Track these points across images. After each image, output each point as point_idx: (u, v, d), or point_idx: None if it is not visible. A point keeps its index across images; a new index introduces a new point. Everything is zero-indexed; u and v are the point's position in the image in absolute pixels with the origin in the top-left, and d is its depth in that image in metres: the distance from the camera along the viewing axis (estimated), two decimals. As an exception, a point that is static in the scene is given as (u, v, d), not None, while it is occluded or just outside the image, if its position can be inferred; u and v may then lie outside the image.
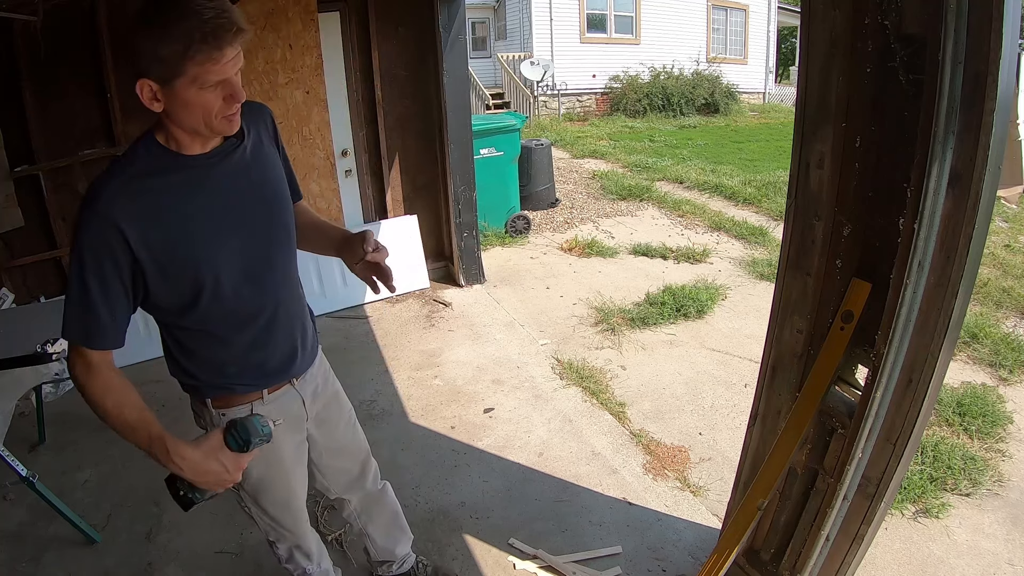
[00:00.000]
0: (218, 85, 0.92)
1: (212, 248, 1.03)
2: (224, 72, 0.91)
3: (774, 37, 14.47)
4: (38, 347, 1.89)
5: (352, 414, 1.46)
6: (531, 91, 11.47)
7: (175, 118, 0.96)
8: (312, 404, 1.29)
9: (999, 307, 3.63)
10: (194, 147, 1.01)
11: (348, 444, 1.44)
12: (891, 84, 1.13)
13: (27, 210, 3.12)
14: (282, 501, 1.31)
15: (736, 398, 2.77)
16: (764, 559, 1.65)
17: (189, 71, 0.89)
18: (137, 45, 0.90)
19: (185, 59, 0.88)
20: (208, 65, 0.89)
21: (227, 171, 1.05)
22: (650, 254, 4.63)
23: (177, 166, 1.00)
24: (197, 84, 0.91)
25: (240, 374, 1.15)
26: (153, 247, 0.97)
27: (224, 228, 1.04)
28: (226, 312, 1.09)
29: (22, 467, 1.92)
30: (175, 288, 1.02)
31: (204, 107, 0.93)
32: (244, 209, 1.07)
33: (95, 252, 0.94)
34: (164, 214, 0.98)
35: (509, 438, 2.51)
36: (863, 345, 1.31)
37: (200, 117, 0.94)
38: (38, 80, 2.99)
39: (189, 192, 1.00)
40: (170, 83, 0.91)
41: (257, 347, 1.15)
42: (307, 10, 3.41)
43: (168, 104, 0.93)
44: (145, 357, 3.24)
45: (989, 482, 2.19)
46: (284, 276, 1.17)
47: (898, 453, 1.25)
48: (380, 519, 1.61)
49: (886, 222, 1.18)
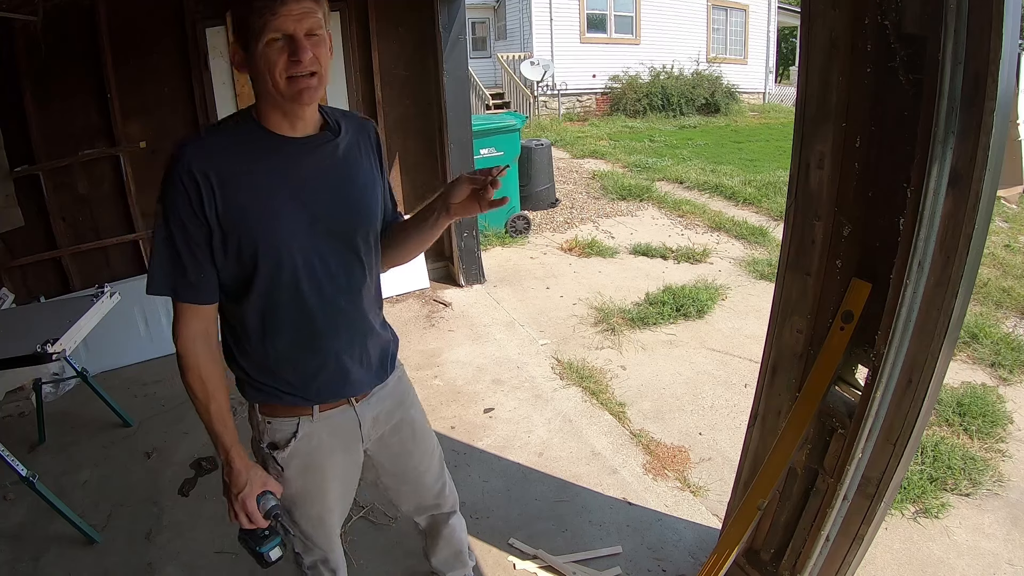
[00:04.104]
0: (279, 41, 0.92)
1: (278, 232, 1.01)
2: (283, 26, 0.91)
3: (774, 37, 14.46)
4: (38, 347, 1.88)
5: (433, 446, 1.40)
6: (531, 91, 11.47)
7: (254, 84, 0.98)
8: (372, 428, 1.23)
9: (999, 307, 3.63)
10: (283, 127, 1.01)
11: (420, 476, 1.38)
12: (891, 84, 1.13)
13: (27, 210, 3.12)
14: (316, 517, 1.25)
15: (736, 398, 2.77)
16: (764, 559, 1.65)
17: (253, 25, 0.92)
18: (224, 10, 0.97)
19: (250, 12, 0.91)
20: (267, 16, 0.90)
21: (313, 161, 1.04)
22: (650, 254, 4.63)
23: (264, 141, 1.00)
24: (261, 39, 0.92)
25: (286, 378, 1.11)
26: (221, 211, 0.97)
27: (293, 213, 1.01)
28: (279, 305, 1.06)
29: (22, 467, 1.92)
30: (234, 262, 1.01)
31: (268, 63, 0.93)
32: (323, 204, 1.04)
33: (176, 204, 0.96)
34: (238, 181, 0.97)
35: (509, 438, 2.51)
36: (863, 345, 1.31)
37: (265, 75, 0.94)
38: (38, 80, 3.00)
39: (269, 169, 1.00)
40: (242, 40, 0.94)
41: (307, 352, 1.10)
42: (307, 10, 3.40)
43: (249, 67, 0.96)
44: (145, 357, 3.25)
45: (989, 482, 2.19)
46: (350, 286, 1.10)
47: (898, 453, 1.25)
48: (443, 550, 1.57)
49: (886, 222, 1.18)
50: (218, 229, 0.98)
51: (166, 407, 2.83)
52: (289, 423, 1.13)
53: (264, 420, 1.14)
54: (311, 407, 1.13)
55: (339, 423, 1.18)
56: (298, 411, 1.13)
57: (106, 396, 2.63)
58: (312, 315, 1.08)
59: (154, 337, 3.28)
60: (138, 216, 3.36)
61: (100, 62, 3.08)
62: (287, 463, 1.14)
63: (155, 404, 2.85)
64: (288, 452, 1.14)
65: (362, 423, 1.20)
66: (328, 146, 1.05)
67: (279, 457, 1.14)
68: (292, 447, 1.14)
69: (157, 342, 3.28)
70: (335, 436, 1.18)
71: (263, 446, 1.16)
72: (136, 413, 2.74)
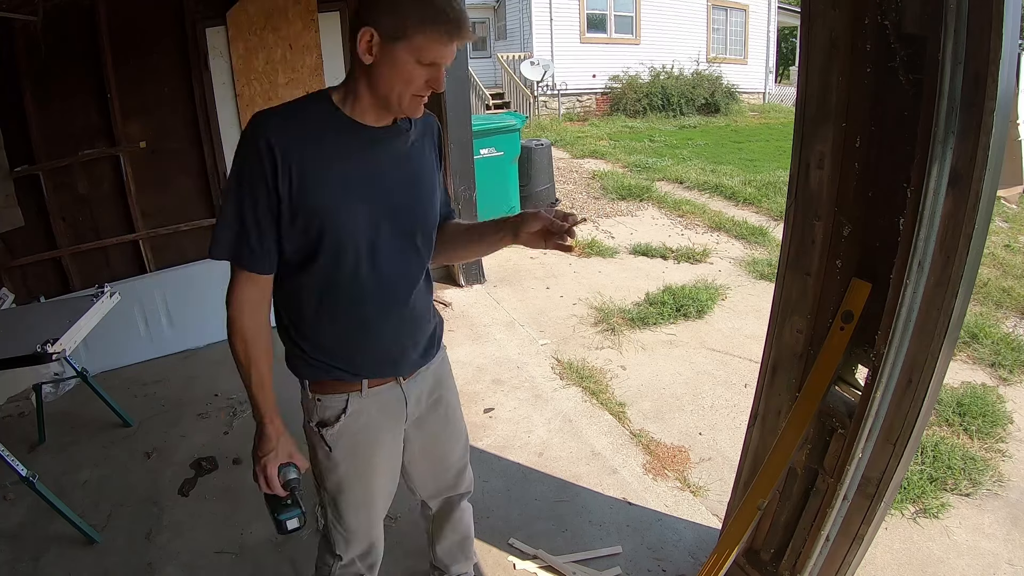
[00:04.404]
0: (430, 67, 0.96)
1: (344, 213, 1.03)
2: (443, 57, 0.96)
3: (774, 37, 14.47)
4: (38, 347, 1.88)
5: (458, 431, 1.43)
6: (531, 91, 11.47)
7: (373, 78, 0.98)
8: (415, 407, 1.27)
9: (999, 307, 3.63)
10: (366, 116, 1.04)
11: (446, 457, 1.42)
12: (891, 84, 1.13)
13: (27, 210, 3.12)
14: (361, 502, 1.27)
15: (736, 398, 2.77)
16: (764, 559, 1.65)
17: (416, 40, 0.94)
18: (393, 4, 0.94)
19: (421, 27, 0.93)
20: (436, 45, 0.94)
21: (386, 151, 1.07)
22: (650, 254, 4.63)
23: (342, 126, 1.03)
24: (415, 55, 0.95)
25: (340, 355, 1.14)
26: (295, 187, 0.99)
27: (362, 200, 1.04)
28: (339, 285, 1.09)
29: (22, 467, 1.91)
30: (300, 235, 1.03)
31: (407, 78, 0.97)
32: (389, 194, 1.08)
33: (251, 171, 0.98)
34: (314, 160, 1.00)
35: (509, 438, 2.51)
36: (863, 345, 1.31)
37: (396, 86, 0.97)
38: (38, 80, 2.99)
39: (344, 152, 1.03)
40: (392, 41, 0.94)
41: (361, 332, 1.14)
42: (307, 10, 3.41)
43: (378, 60, 0.96)
44: (145, 357, 3.25)
45: (989, 482, 2.19)
46: (407, 273, 1.15)
47: (898, 453, 1.25)
48: (449, 537, 1.59)
49: (886, 222, 1.18)
50: (288, 203, 1.00)
51: (166, 407, 2.83)
52: (338, 399, 1.16)
53: (314, 398, 1.17)
54: (360, 382, 1.16)
55: (387, 400, 1.21)
56: (347, 387, 1.16)
57: (106, 396, 2.63)
58: (369, 298, 1.11)
59: (154, 337, 3.28)
60: (138, 216, 3.36)
61: (100, 62, 3.08)
62: (335, 442, 1.17)
63: (155, 404, 2.85)
64: (337, 430, 1.17)
65: (408, 401, 1.24)
66: (400, 138, 1.09)
67: (327, 436, 1.17)
68: (341, 424, 1.16)
69: (157, 342, 3.28)
70: (382, 413, 1.21)
71: (312, 424, 1.19)
72: (136, 413, 2.74)
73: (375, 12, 0.94)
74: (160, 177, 3.38)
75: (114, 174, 3.28)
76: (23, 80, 2.95)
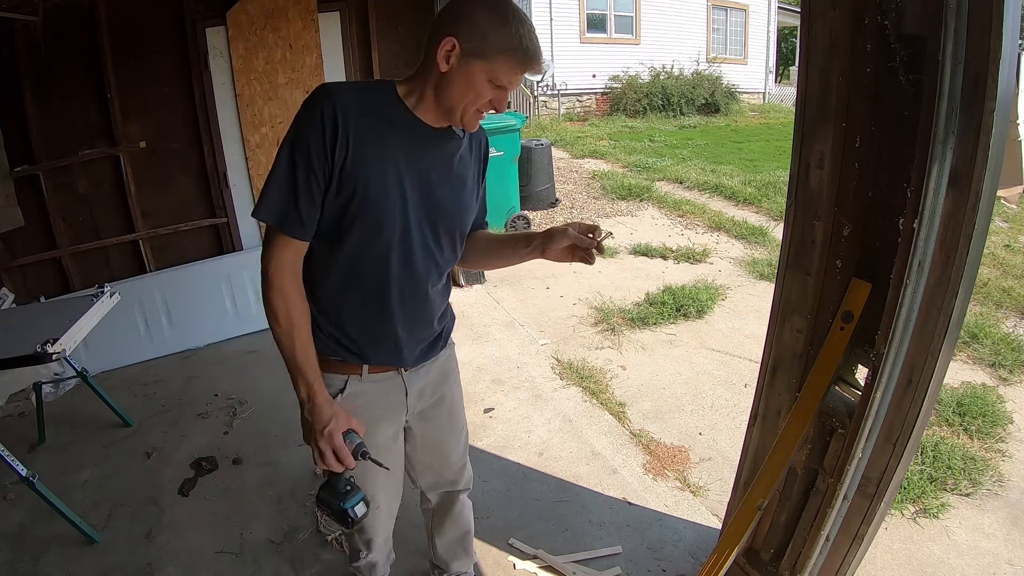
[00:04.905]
0: (498, 88, 1.02)
1: (385, 198, 1.05)
2: (513, 83, 1.03)
3: (774, 37, 14.46)
4: (38, 347, 1.88)
5: (459, 425, 1.46)
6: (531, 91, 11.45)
7: (445, 86, 1.02)
8: (417, 400, 1.29)
9: (999, 307, 3.62)
10: (427, 116, 1.07)
11: (445, 452, 1.44)
12: (891, 84, 1.13)
13: (27, 210, 3.11)
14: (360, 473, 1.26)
15: (736, 398, 2.77)
16: (764, 559, 1.65)
17: (495, 62, 0.99)
18: (471, 13, 0.99)
19: (502, 51, 0.99)
20: (509, 71, 1.01)
21: (437, 151, 1.11)
22: (650, 254, 4.63)
23: (402, 117, 1.06)
24: (490, 75, 1.00)
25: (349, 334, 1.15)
26: (349, 162, 1.01)
27: (405, 191, 1.07)
28: (364, 271, 1.11)
29: (22, 467, 1.91)
30: (339, 211, 1.05)
31: (476, 94, 1.02)
32: (431, 190, 1.11)
33: (310, 133, 0.99)
34: (370, 137, 1.02)
35: (509, 438, 2.51)
36: (863, 345, 1.31)
37: (464, 99, 1.02)
38: (38, 80, 2.99)
39: (398, 142, 1.05)
40: (472, 57, 0.99)
41: (375, 320, 1.16)
42: (307, 10, 3.41)
43: (454, 70, 1.00)
44: (145, 357, 3.25)
45: (989, 482, 2.19)
46: (432, 272, 1.18)
47: (898, 453, 1.25)
48: (449, 532, 1.61)
49: (886, 222, 1.18)
50: (339, 172, 1.01)
51: (166, 407, 2.83)
52: (338, 379, 1.18)
53: None
54: (361, 366, 1.18)
55: (386, 387, 1.22)
56: (348, 369, 1.18)
57: (106, 396, 2.63)
58: (391, 289, 1.13)
59: (154, 337, 3.28)
60: (138, 216, 3.36)
61: (100, 62, 3.07)
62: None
63: (155, 404, 2.85)
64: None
65: (409, 392, 1.25)
66: (453, 143, 1.13)
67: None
68: (337, 402, 1.16)
69: (157, 342, 3.28)
70: (381, 400, 1.22)
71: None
72: (136, 413, 2.74)
73: (461, 25, 0.98)
74: (160, 177, 3.38)
75: (114, 174, 3.28)
76: (23, 80, 2.95)
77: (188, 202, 3.48)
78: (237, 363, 3.15)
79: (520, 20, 0.99)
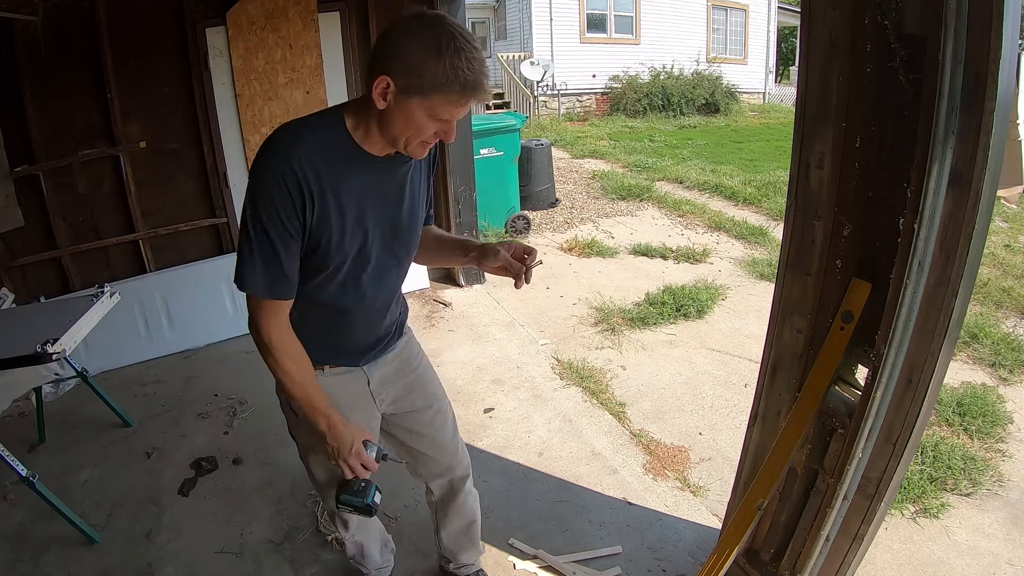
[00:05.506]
0: (443, 121, 1.00)
1: (347, 237, 1.07)
2: (455, 116, 1.00)
3: (774, 37, 14.46)
4: (38, 347, 1.88)
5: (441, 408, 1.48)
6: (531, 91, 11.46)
7: (386, 121, 1.01)
8: (381, 387, 1.33)
9: (999, 307, 3.63)
10: (375, 148, 1.06)
11: (432, 435, 1.47)
12: (891, 84, 1.13)
13: (27, 210, 3.11)
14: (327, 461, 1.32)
15: (736, 398, 2.77)
16: (764, 559, 1.65)
17: (432, 97, 0.95)
18: (403, 49, 0.94)
19: (437, 88, 0.94)
20: (450, 105, 0.97)
21: (388, 179, 1.11)
22: (650, 254, 4.63)
23: (355, 156, 1.05)
24: (428, 111, 0.97)
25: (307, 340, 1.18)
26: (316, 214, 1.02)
27: (366, 229, 1.10)
28: (325, 295, 1.15)
29: (22, 467, 1.91)
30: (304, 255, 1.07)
31: (418, 129, 1.00)
32: (390, 218, 1.13)
33: (277, 200, 0.98)
34: (330, 185, 1.02)
35: (509, 438, 2.51)
36: (863, 345, 1.30)
37: (405, 133, 1.01)
38: (38, 80, 2.99)
39: (353, 180, 1.06)
40: (408, 94, 0.96)
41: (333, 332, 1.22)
42: (307, 10, 3.41)
43: (392, 108, 0.98)
44: (145, 357, 3.25)
45: (989, 482, 2.19)
46: (388, 286, 1.24)
47: (898, 453, 1.25)
48: (454, 522, 1.63)
49: (886, 222, 1.18)
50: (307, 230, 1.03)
51: (166, 407, 2.83)
52: None
53: None
54: (323, 366, 1.24)
55: (347, 379, 1.29)
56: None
57: (106, 396, 2.63)
58: (354, 312, 1.20)
59: (154, 337, 3.28)
60: (138, 216, 3.36)
61: (100, 62, 3.07)
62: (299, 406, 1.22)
63: (155, 404, 2.85)
64: None
65: (370, 380, 1.31)
66: (403, 168, 1.13)
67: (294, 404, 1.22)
68: None
69: (157, 342, 3.28)
70: (344, 390, 1.27)
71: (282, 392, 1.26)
72: (136, 413, 2.74)
73: (393, 63, 0.95)
74: (160, 177, 3.38)
75: (114, 174, 3.28)
76: (23, 80, 2.95)
77: (188, 202, 3.48)
78: (237, 363, 3.15)
79: (457, 50, 0.92)
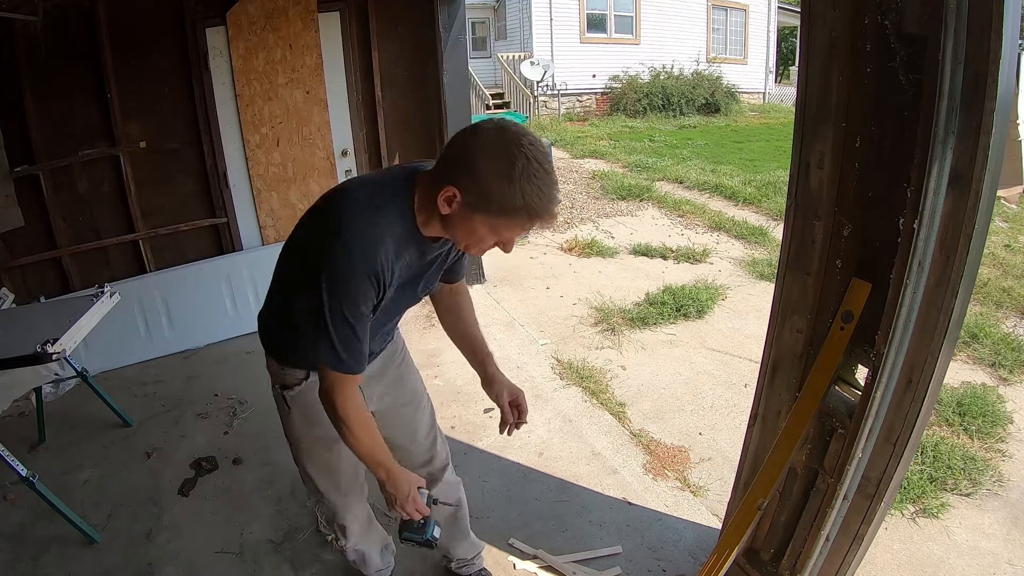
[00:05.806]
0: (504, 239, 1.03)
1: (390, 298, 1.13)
2: (517, 236, 1.03)
3: (774, 37, 14.45)
4: (38, 347, 1.88)
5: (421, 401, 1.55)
6: (531, 91, 11.46)
7: (448, 224, 1.04)
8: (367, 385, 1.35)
9: (999, 307, 3.62)
10: (433, 233, 1.10)
11: (413, 428, 1.52)
12: (891, 84, 1.13)
13: (27, 210, 3.11)
14: (322, 464, 1.40)
15: (736, 398, 2.77)
16: (764, 559, 1.65)
17: (498, 220, 0.98)
18: (475, 166, 0.95)
19: (503, 213, 0.96)
20: (513, 228, 1.00)
21: (433, 257, 1.18)
22: (650, 254, 4.63)
23: (416, 240, 1.10)
24: (491, 228, 1.00)
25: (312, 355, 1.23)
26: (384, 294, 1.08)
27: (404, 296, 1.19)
28: None
29: (22, 467, 1.92)
30: None
31: (479, 241, 1.04)
32: (421, 284, 1.21)
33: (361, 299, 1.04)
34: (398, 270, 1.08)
35: (509, 438, 2.50)
36: (863, 345, 1.30)
37: (467, 240, 1.05)
38: (38, 80, 2.99)
39: (414, 260, 1.12)
40: (473, 210, 0.98)
41: None
42: (307, 10, 3.41)
43: (455, 216, 1.01)
44: (146, 357, 3.25)
45: (989, 482, 2.19)
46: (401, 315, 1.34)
47: (898, 453, 1.25)
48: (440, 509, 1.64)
49: (886, 222, 1.18)
50: None
51: (166, 407, 2.83)
52: (299, 372, 1.30)
53: (278, 366, 1.31)
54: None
55: None
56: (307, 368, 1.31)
57: (106, 396, 2.63)
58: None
59: (154, 337, 3.28)
60: (138, 216, 3.36)
61: (100, 62, 3.07)
62: (294, 403, 1.31)
63: (155, 404, 2.85)
64: (295, 393, 1.30)
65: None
66: (445, 248, 1.19)
67: (288, 397, 1.31)
68: (300, 388, 1.30)
69: (157, 342, 3.28)
70: None
71: (276, 386, 1.33)
72: (136, 413, 2.74)
73: (462, 176, 0.96)
74: (160, 177, 3.38)
75: (114, 174, 3.28)
76: (23, 80, 2.95)
77: (188, 202, 3.48)
78: (237, 363, 3.15)
79: (528, 176, 0.92)
